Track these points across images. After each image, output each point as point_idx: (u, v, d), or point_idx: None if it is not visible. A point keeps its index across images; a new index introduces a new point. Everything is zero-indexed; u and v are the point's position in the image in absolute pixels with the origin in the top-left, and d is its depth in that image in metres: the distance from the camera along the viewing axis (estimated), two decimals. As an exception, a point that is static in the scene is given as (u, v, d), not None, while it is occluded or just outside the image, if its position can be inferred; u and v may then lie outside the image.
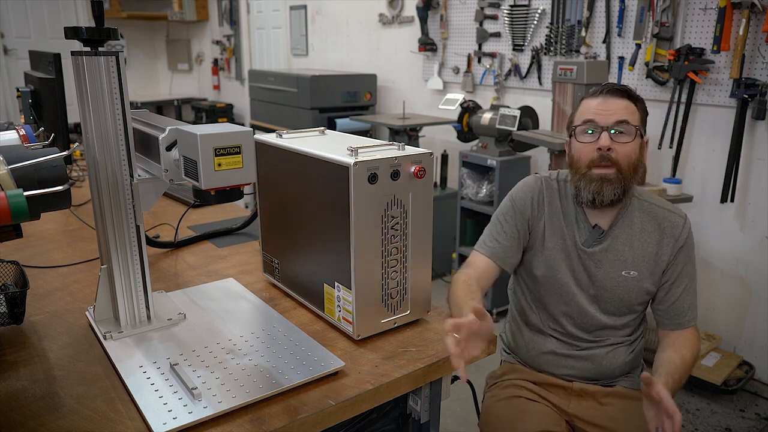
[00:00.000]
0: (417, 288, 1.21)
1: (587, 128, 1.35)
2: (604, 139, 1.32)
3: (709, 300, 2.87)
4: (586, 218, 1.41)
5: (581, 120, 1.37)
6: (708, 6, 2.63)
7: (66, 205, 1.03)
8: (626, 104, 1.34)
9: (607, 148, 1.31)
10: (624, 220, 1.40)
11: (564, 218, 1.43)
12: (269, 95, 4.64)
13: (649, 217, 1.40)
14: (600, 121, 1.33)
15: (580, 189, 1.36)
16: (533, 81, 3.52)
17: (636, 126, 1.33)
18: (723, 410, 2.53)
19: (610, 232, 1.40)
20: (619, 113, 1.33)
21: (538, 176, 1.49)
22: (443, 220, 3.70)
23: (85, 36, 1.00)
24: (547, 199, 1.44)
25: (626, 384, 1.47)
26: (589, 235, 1.41)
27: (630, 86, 1.40)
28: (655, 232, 1.39)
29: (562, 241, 1.42)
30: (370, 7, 4.60)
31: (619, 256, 1.39)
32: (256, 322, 1.21)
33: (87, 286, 1.41)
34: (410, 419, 1.24)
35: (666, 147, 2.88)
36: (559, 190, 1.45)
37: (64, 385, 1.00)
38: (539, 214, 1.44)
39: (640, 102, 1.38)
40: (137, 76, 7.14)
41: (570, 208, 1.43)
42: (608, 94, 1.35)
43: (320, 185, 1.15)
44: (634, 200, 1.41)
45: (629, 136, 1.33)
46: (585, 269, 1.42)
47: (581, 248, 1.41)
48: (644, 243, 1.39)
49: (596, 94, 1.37)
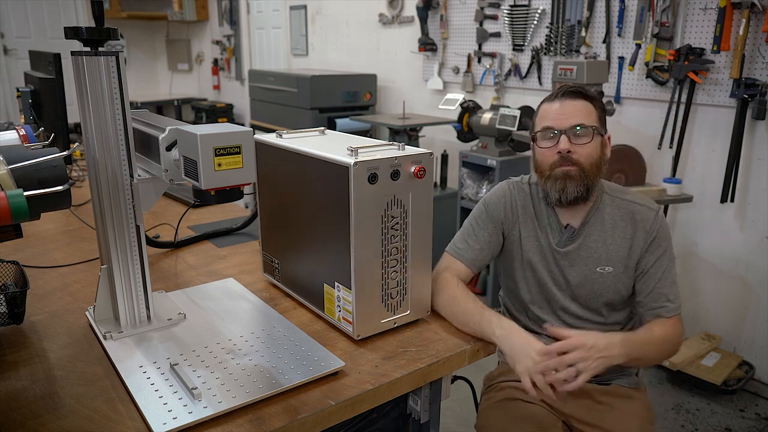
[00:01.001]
0: (417, 288, 1.21)
1: (546, 134, 1.38)
2: (563, 143, 1.35)
3: (709, 300, 2.87)
4: (557, 219, 1.44)
5: (540, 126, 1.40)
6: (708, 6, 2.63)
7: (66, 205, 1.03)
8: (583, 105, 1.37)
9: (567, 151, 1.35)
10: (595, 218, 1.42)
11: (537, 221, 1.46)
12: (269, 95, 4.64)
13: (620, 212, 1.42)
14: (557, 125, 1.37)
15: (547, 190, 1.40)
16: (533, 81, 3.52)
17: (593, 126, 1.36)
18: (723, 410, 2.53)
19: (582, 231, 1.42)
20: (576, 116, 1.36)
21: (510, 181, 1.53)
22: (443, 220, 3.70)
23: (85, 36, 1.00)
24: (520, 203, 1.47)
25: (622, 383, 1.47)
26: (561, 235, 1.43)
27: (584, 88, 1.42)
28: (627, 226, 1.41)
29: (538, 243, 1.45)
30: (370, 7, 4.60)
31: (592, 254, 1.41)
32: (256, 322, 1.21)
33: (87, 286, 1.41)
34: (410, 419, 1.24)
35: (666, 147, 2.88)
36: (531, 194, 1.48)
37: (64, 385, 1.00)
38: (513, 219, 1.47)
39: (597, 101, 1.41)
40: (137, 76, 7.14)
41: (542, 210, 1.46)
42: (564, 97, 1.38)
43: (320, 185, 1.15)
44: (605, 197, 1.43)
45: (587, 137, 1.36)
46: (560, 269, 1.44)
47: (555, 249, 1.43)
48: (617, 238, 1.41)
49: (553, 99, 1.40)
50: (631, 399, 1.44)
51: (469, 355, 1.17)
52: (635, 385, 1.47)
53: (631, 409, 1.42)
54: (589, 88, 1.42)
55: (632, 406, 1.43)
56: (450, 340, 1.18)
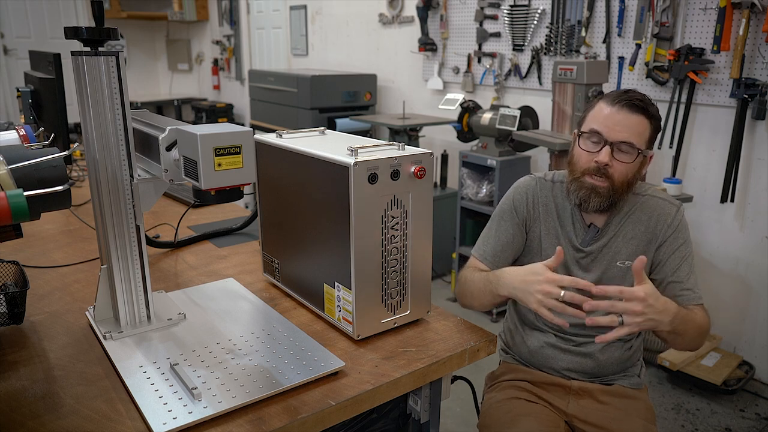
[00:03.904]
0: (417, 288, 1.21)
1: (592, 137, 1.34)
2: (604, 155, 1.31)
3: (709, 300, 2.84)
4: (581, 217, 1.42)
5: (588, 127, 1.35)
6: (708, 6, 2.63)
7: (66, 205, 1.03)
8: (638, 121, 1.31)
9: (605, 164, 1.31)
10: (618, 217, 1.41)
11: (558, 219, 1.44)
12: (269, 95, 4.64)
13: (642, 208, 1.41)
14: (605, 134, 1.31)
15: (570, 190, 1.38)
16: (533, 81, 3.52)
17: (639, 149, 1.31)
18: (723, 410, 2.53)
19: (606, 230, 1.41)
20: (627, 132, 1.30)
21: (534, 176, 1.50)
22: (443, 220, 3.70)
23: (85, 36, 1.00)
24: (542, 200, 1.46)
25: (625, 383, 1.47)
26: (585, 234, 1.42)
27: (647, 97, 1.35)
28: (648, 221, 1.40)
29: (557, 241, 1.44)
30: (370, 7, 4.60)
31: (615, 251, 1.41)
32: (256, 322, 1.21)
33: (87, 286, 1.41)
34: (410, 419, 1.24)
35: (666, 147, 2.88)
36: (553, 191, 1.46)
37: (64, 385, 1.00)
38: (535, 215, 1.45)
39: (655, 119, 1.34)
40: (137, 76, 7.14)
41: (565, 208, 1.44)
42: (624, 107, 1.31)
43: (320, 185, 1.15)
44: (630, 196, 1.41)
45: (630, 156, 1.31)
46: (582, 268, 1.42)
47: (578, 247, 1.42)
48: (638, 233, 1.40)
49: (613, 102, 1.33)
50: (633, 399, 1.44)
51: (469, 355, 1.17)
52: (637, 386, 1.47)
53: (633, 409, 1.42)
54: (653, 103, 1.34)
55: (634, 406, 1.43)
56: (450, 340, 1.18)
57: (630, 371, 1.49)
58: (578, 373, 1.46)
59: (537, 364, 1.50)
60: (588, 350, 1.44)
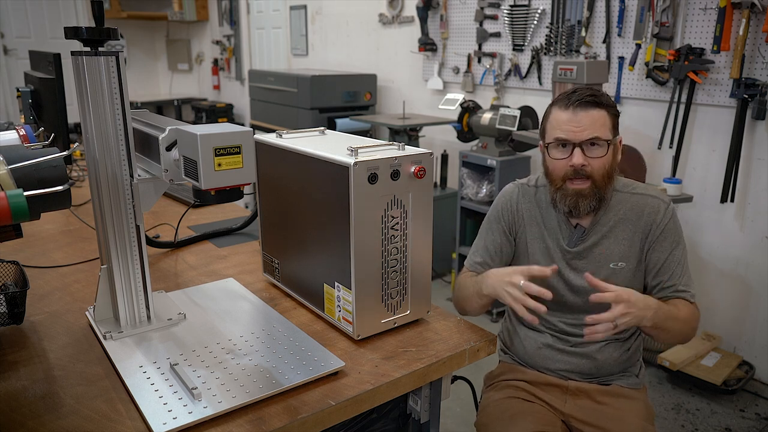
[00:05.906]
0: (417, 288, 1.21)
1: (559, 145, 1.36)
2: (577, 157, 1.33)
3: (709, 300, 2.87)
4: (567, 219, 1.43)
5: (552, 137, 1.36)
6: (708, 6, 2.63)
7: (66, 205, 1.03)
8: (597, 115, 1.33)
9: (581, 165, 1.33)
10: (606, 216, 1.41)
11: (544, 222, 1.46)
12: (269, 95, 4.64)
13: (630, 206, 1.41)
14: (571, 138, 1.33)
15: (556, 201, 1.39)
16: (533, 81, 3.52)
17: (608, 140, 1.33)
18: (723, 410, 2.53)
19: (593, 229, 1.41)
20: (590, 128, 1.32)
21: (516, 183, 1.52)
22: (443, 220, 3.70)
23: (85, 36, 1.00)
24: (525, 206, 1.47)
25: (622, 383, 1.47)
26: (572, 235, 1.42)
27: (594, 89, 1.37)
28: (638, 219, 1.40)
29: (544, 245, 1.45)
30: (370, 7, 4.60)
31: (604, 251, 1.41)
32: (256, 322, 1.21)
33: (87, 286, 1.41)
34: (410, 419, 1.24)
35: (666, 147, 2.88)
36: (537, 195, 1.48)
37: (64, 385, 1.00)
38: (519, 221, 1.48)
39: (611, 107, 1.36)
40: (137, 76, 7.14)
41: (550, 213, 1.45)
42: (578, 107, 1.33)
43: (320, 185, 1.15)
44: (615, 194, 1.42)
45: (602, 149, 1.34)
46: (572, 269, 1.43)
47: (565, 249, 1.42)
48: (627, 232, 1.40)
49: (566, 106, 1.34)
50: (631, 399, 1.44)
51: (469, 355, 1.17)
52: (635, 386, 1.47)
53: (631, 409, 1.42)
54: (601, 92, 1.36)
55: (632, 406, 1.43)
56: (450, 340, 1.18)
57: (629, 371, 1.49)
58: (576, 374, 1.46)
59: (534, 365, 1.50)
60: (585, 351, 1.44)
